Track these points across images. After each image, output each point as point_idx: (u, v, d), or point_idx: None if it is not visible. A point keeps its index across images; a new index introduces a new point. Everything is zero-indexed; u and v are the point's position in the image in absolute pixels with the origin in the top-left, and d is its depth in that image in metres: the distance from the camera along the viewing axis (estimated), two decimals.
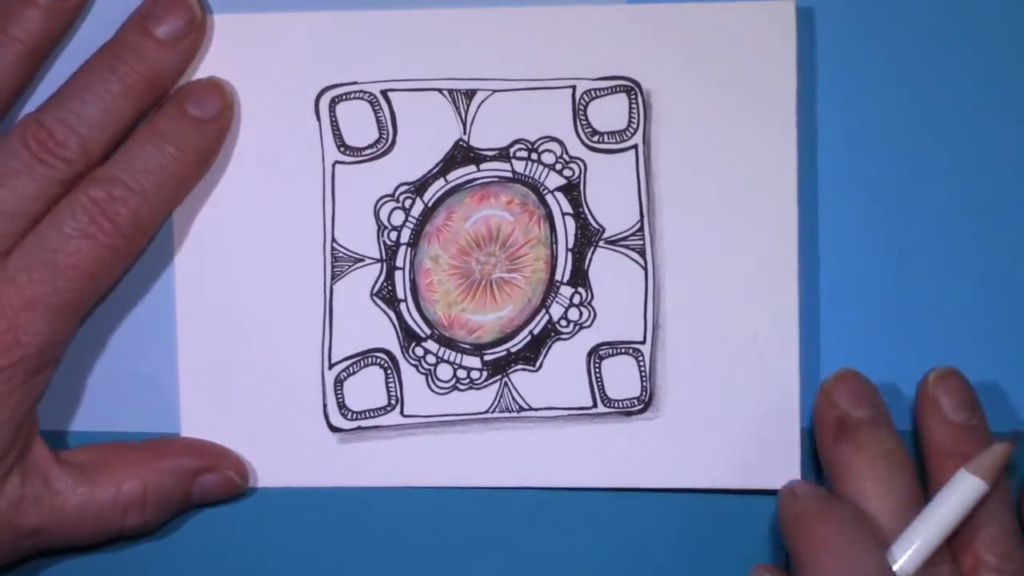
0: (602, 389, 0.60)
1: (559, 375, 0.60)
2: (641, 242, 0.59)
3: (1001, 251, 0.59)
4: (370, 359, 0.60)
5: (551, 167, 0.60)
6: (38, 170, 0.56)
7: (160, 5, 0.58)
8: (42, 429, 0.58)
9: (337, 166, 0.60)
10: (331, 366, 0.60)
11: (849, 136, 0.59)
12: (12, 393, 0.56)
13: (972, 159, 0.59)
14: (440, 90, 0.60)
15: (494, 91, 0.59)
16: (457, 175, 0.60)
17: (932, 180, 0.59)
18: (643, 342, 0.59)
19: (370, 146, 0.60)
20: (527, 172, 0.60)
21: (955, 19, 0.59)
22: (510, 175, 0.60)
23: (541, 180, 0.60)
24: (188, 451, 0.60)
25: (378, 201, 0.60)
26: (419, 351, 0.60)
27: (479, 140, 0.60)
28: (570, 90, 0.59)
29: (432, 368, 0.60)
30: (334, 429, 0.60)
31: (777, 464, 0.59)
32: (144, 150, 0.57)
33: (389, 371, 0.60)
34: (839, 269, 0.60)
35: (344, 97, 0.60)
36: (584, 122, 0.59)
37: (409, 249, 0.60)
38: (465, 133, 0.60)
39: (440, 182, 0.60)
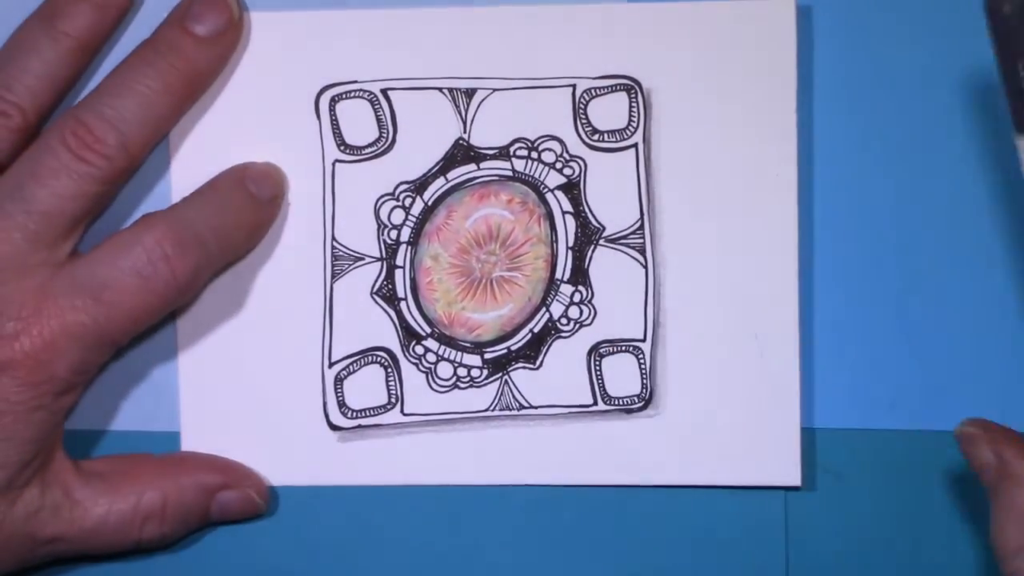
0: (602, 387, 0.60)
1: (559, 373, 0.60)
2: (641, 240, 0.59)
3: (1002, 246, 0.59)
4: (370, 358, 0.60)
5: (551, 166, 0.60)
6: (76, 168, 0.56)
7: (199, 3, 0.58)
8: None
9: (337, 165, 0.60)
10: (331, 365, 0.60)
11: (848, 135, 0.59)
12: (38, 410, 0.56)
13: (974, 157, 0.59)
14: (440, 89, 0.60)
15: (494, 90, 0.60)
16: (457, 174, 0.60)
17: (932, 179, 0.59)
18: (643, 340, 0.59)
19: (370, 145, 0.60)
20: (527, 171, 0.60)
21: (954, 17, 0.59)
22: (510, 174, 0.60)
23: (541, 179, 0.60)
24: (210, 467, 0.60)
25: (378, 200, 0.60)
26: (419, 349, 0.60)
27: (479, 139, 0.60)
28: (570, 89, 0.59)
29: (432, 366, 0.60)
30: (334, 428, 0.60)
31: (776, 462, 0.59)
32: (210, 203, 0.58)
33: (389, 369, 0.60)
34: (839, 267, 0.60)
35: (344, 96, 0.60)
36: (584, 121, 0.59)
37: (409, 248, 0.60)
38: (465, 132, 0.60)
39: (440, 181, 0.60)
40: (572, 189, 0.60)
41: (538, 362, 0.60)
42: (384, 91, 0.60)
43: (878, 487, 0.60)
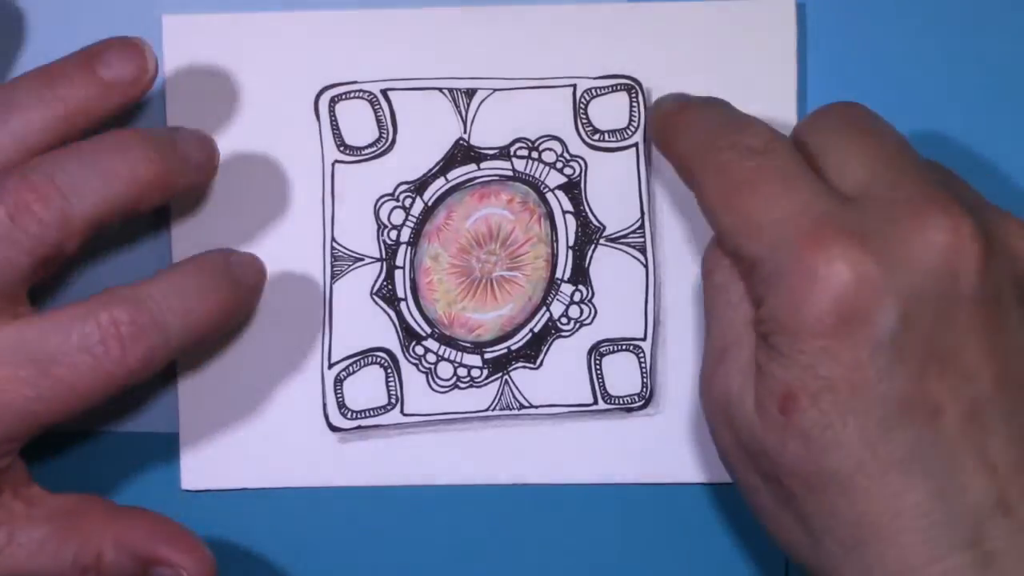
0: (603, 386, 0.60)
1: (560, 372, 0.60)
2: (642, 240, 0.60)
3: None
4: (370, 358, 0.60)
5: (551, 165, 0.60)
6: (8, 234, 0.52)
7: (194, 135, 0.57)
8: None
9: (337, 165, 0.60)
10: (331, 365, 0.60)
11: None
12: None
13: (969, 156, 0.60)
14: (440, 89, 0.60)
15: (494, 90, 0.60)
16: (457, 174, 0.60)
17: None
18: (644, 339, 0.60)
19: (370, 145, 0.60)
20: (527, 171, 0.60)
21: (950, 15, 0.60)
22: (510, 174, 0.60)
23: (542, 178, 0.60)
24: (151, 534, 0.56)
25: (378, 200, 0.60)
26: (419, 350, 0.60)
27: (479, 139, 0.60)
28: (571, 89, 0.60)
29: (432, 367, 0.60)
30: (334, 429, 0.60)
31: None
32: (182, 282, 0.55)
33: (389, 370, 0.60)
34: None
35: (344, 96, 0.60)
36: (585, 120, 0.60)
37: (409, 248, 0.60)
38: (465, 132, 0.60)
39: (440, 181, 0.60)
40: (572, 189, 0.60)
41: (538, 361, 0.60)
42: (384, 91, 0.60)
43: None
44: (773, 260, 0.50)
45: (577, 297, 0.60)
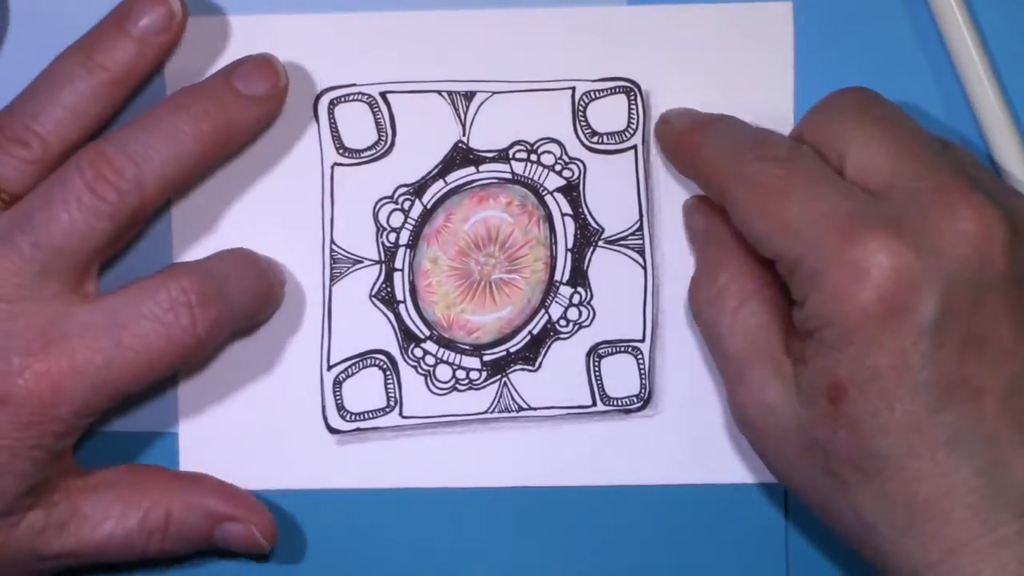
0: (601, 388, 0.60)
1: (558, 374, 0.60)
2: (640, 242, 0.60)
3: None
4: (369, 360, 0.60)
5: (550, 168, 0.60)
6: (88, 201, 0.55)
7: (247, 64, 0.58)
8: None
9: (336, 168, 0.60)
10: (330, 367, 0.60)
11: None
12: (36, 448, 0.55)
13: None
14: (439, 92, 0.60)
15: (493, 93, 0.60)
16: (456, 176, 0.60)
17: None
18: (642, 340, 0.60)
19: (369, 148, 0.60)
20: (526, 173, 0.60)
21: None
22: (509, 176, 0.60)
23: (540, 181, 0.60)
24: (219, 494, 0.59)
25: (377, 203, 0.60)
26: (418, 352, 0.60)
27: (478, 142, 0.60)
28: (569, 91, 0.60)
29: (431, 369, 0.60)
30: (333, 431, 0.60)
31: None
32: (236, 263, 0.58)
33: (388, 372, 0.60)
34: None
35: (343, 99, 0.60)
36: (584, 123, 0.60)
37: (408, 251, 0.60)
38: (464, 135, 0.60)
39: (439, 184, 0.60)
40: (571, 191, 0.60)
41: (537, 364, 0.60)
42: (383, 94, 0.60)
43: None
44: (813, 258, 0.52)
45: (576, 299, 0.60)
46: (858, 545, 0.53)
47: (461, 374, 0.60)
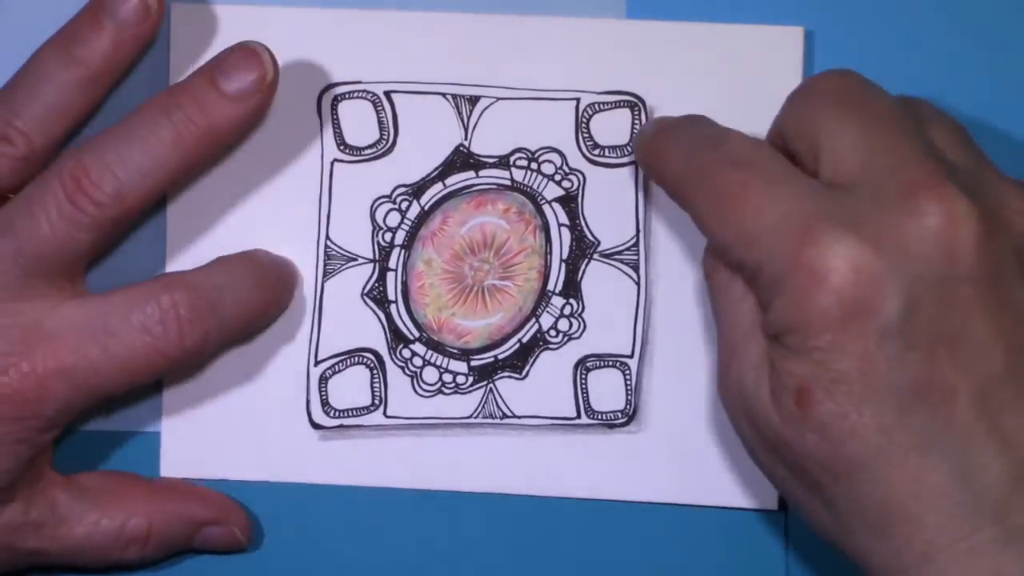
0: (587, 401, 0.60)
1: (545, 384, 0.60)
2: (635, 257, 0.60)
3: None
4: (356, 358, 0.60)
5: (550, 178, 0.60)
6: (68, 213, 0.55)
7: (231, 58, 0.56)
8: None
9: (336, 164, 0.60)
10: (317, 363, 0.60)
11: None
12: (19, 443, 0.55)
13: None
14: (444, 94, 0.60)
15: (498, 98, 0.60)
16: (455, 180, 0.60)
17: None
18: (631, 356, 0.60)
19: (370, 146, 0.60)
20: (526, 181, 0.60)
21: (957, 41, 0.60)
22: (509, 183, 0.60)
23: (539, 190, 0.60)
24: (200, 500, 0.59)
25: (375, 202, 0.60)
26: (406, 353, 0.60)
27: (479, 147, 0.60)
28: (574, 102, 0.60)
29: (418, 371, 0.60)
30: (316, 426, 0.60)
31: (758, 485, 0.59)
32: (235, 273, 0.57)
33: (375, 371, 0.60)
34: None
35: (347, 96, 0.60)
36: (586, 135, 0.60)
37: (403, 251, 0.60)
38: (466, 139, 0.60)
39: (438, 186, 0.60)
40: (570, 202, 0.60)
41: (524, 372, 0.60)
42: (387, 93, 0.60)
43: None
44: (772, 265, 0.50)
45: (567, 310, 0.60)
46: (836, 542, 0.52)
47: (448, 377, 0.60)
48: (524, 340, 0.60)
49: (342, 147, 0.60)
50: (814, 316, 0.49)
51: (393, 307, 0.60)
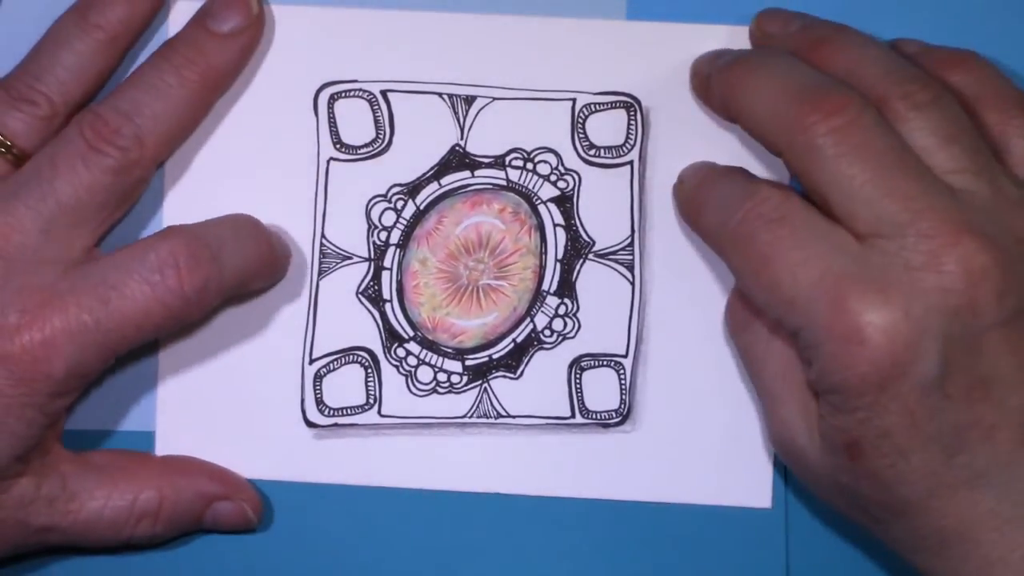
0: (581, 400, 0.60)
1: (539, 384, 0.60)
2: (630, 257, 0.60)
3: None
4: (351, 357, 0.60)
5: (546, 178, 0.60)
6: (92, 158, 0.56)
7: (219, 2, 0.59)
8: None
9: (332, 163, 0.60)
10: (312, 361, 0.60)
11: None
12: (30, 408, 0.55)
13: None
14: (440, 94, 0.60)
15: (494, 98, 0.60)
16: (451, 180, 0.60)
17: None
18: (625, 356, 0.60)
19: (366, 145, 0.60)
20: (521, 181, 0.60)
21: (952, 38, 0.60)
22: (504, 183, 0.60)
23: (535, 190, 0.60)
24: (209, 475, 0.59)
25: (370, 200, 0.60)
26: (401, 352, 0.60)
27: (475, 146, 0.60)
28: (570, 103, 0.60)
29: (413, 370, 0.60)
30: (310, 424, 0.60)
31: (751, 483, 0.60)
32: (232, 227, 0.58)
33: (369, 370, 0.60)
34: None
35: (343, 95, 0.60)
36: (582, 135, 0.60)
37: (398, 250, 0.60)
38: (462, 138, 0.60)
39: (433, 186, 0.60)
40: (565, 202, 0.60)
41: (519, 372, 0.60)
42: (384, 92, 0.60)
43: None
44: (810, 330, 0.53)
45: (562, 310, 0.60)
46: (908, 561, 0.55)
47: (442, 377, 0.60)
48: (519, 340, 0.60)
49: (338, 146, 0.60)
50: (853, 380, 0.52)
51: (388, 306, 0.60)
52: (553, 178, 0.60)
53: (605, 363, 0.60)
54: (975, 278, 0.52)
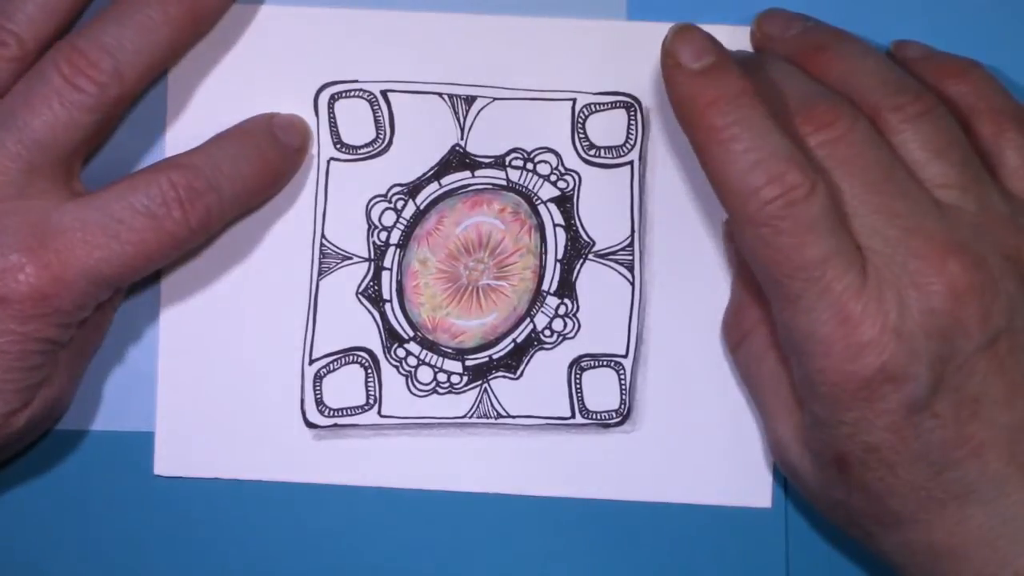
0: (581, 400, 0.60)
1: (539, 384, 0.60)
2: (630, 257, 0.60)
3: None
4: (351, 357, 0.60)
5: (546, 178, 0.60)
6: (69, 95, 0.55)
7: None
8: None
9: (332, 163, 0.60)
10: (311, 361, 0.60)
11: None
12: (42, 340, 0.55)
13: None
14: (440, 94, 0.60)
15: (494, 99, 0.60)
16: (451, 180, 0.60)
17: None
18: (625, 356, 0.60)
19: (366, 145, 0.60)
20: (521, 181, 0.60)
21: (952, 38, 0.60)
22: (504, 183, 0.60)
23: (535, 190, 0.60)
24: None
25: (370, 200, 0.60)
26: (401, 352, 0.60)
27: (476, 146, 0.60)
28: (570, 103, 0.60)
29: (413, 370, 0.60)
30: (310, 425, 0.60)
31: (750, 483, 0.60)
32: (230, 149, 0.58)
33: (369, 370, 0.60)
34: None
35: (344, 95, 0.60)
36: (582, 135, 0.60)
37: (398, 250, 0.60)
38: (462, 139, 0.60)
39: (434, 186, 0.60)
40: (565, 202, 0.60)
41: (519, 372, 0.60)
42: (384, 92, 0.60)
43: None
44: (810, 338, 0.53)
45: (562, 310, 0.60)
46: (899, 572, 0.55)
47: (442, 377, 0.60)
48: (519, 340, 0.60)
49: (338, 146, 0.60)
50: (844, 398, 0.52)
51: (388, 306, 0.60)
52: (553, 178, 0.60)
53: (605, 363, 0.60)
54: (962, 300, 0.52)
